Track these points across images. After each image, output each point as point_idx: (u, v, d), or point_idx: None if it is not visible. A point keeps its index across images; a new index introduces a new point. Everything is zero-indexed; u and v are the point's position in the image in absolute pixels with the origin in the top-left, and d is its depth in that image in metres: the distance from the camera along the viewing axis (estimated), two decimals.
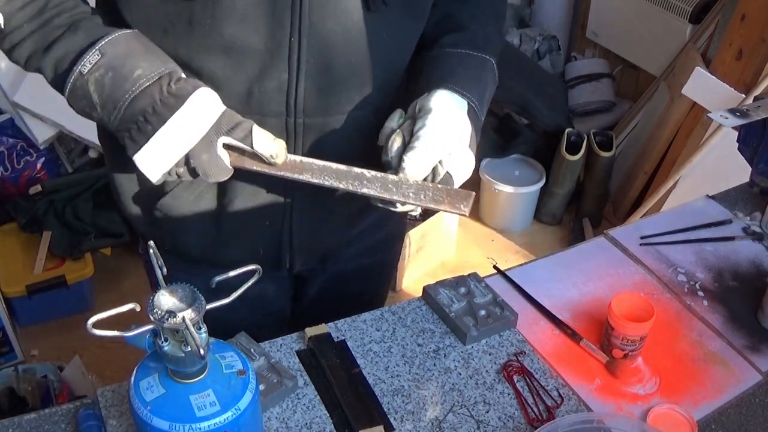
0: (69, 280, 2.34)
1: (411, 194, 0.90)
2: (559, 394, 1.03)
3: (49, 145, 2.55)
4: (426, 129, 0.90)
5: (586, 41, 3.35)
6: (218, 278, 0.74)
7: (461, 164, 0.93)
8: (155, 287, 1.23)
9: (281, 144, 0.89)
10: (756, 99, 1.37)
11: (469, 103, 0.95)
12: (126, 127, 0.86)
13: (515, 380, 1.04)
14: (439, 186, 0.92)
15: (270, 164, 0.89)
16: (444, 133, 0.91)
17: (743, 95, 2.28)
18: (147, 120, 0.85)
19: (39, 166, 2.53)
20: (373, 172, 0.91)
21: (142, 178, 1.05)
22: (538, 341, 1.11)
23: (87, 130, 2.48)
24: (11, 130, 2.53)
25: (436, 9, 1.02)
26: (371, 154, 0.94)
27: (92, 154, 2.66)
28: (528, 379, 1.04)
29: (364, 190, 0.90)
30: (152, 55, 0.87)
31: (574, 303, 1.19)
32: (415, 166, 0.90)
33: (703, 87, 2.38)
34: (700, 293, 1.23)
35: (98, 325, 0.67)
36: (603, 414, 0.99)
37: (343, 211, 1.10)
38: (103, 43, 0.85)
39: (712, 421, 1.01)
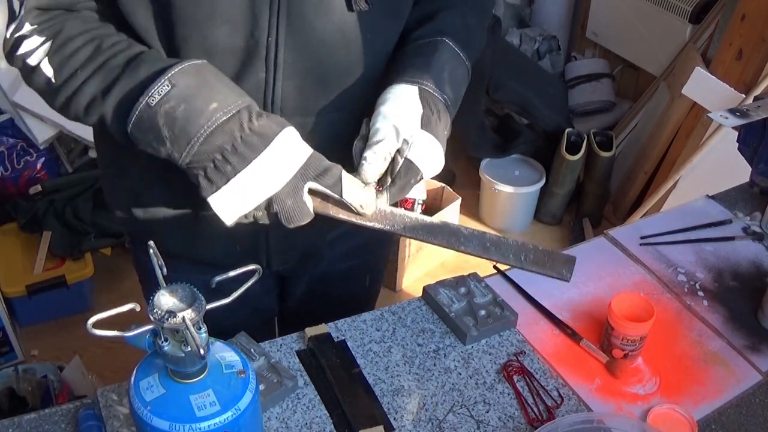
0: (69, 280, 2.34)
1: (511, 256, 0.87)
2: (559, 394, 1.03)
3: (49, 145, 2.55)
4: (376, 125, 0.88)
5: (586, 41, 3.35)
6: (218, 278, 0.74)
7: (422, 149, 0.89)
8: (146, 284, 1.24)
9: (372, 193, 0.85)
10: (756, 99, 1.37)
11: (419, 87, 0.92)
12: (201, 165, 0.80)
13: (515, 380, 1.04)
14: (540, 248, 0.88)
15: (358, 214, 0.86)
16: (392, 123, 0.88)
17: (743, 95, 2.28)
18: (226, 159, 0.79)
19: (39, 166, 2.53)
20: (470, 229, 0.87)
21: (122, 178, 1.05)
22: (538, 341, 1.11)
23: (87, 130, 2.46)
24: (11, 130, 2.53)
25: (416, 7, 1.01)
26: (350, 155, 0.93)
27: (92, 154, 2.66)
28: (528, 379, 1.04)
29: (462, 249, 0.87)
30: (227, 86, 0.82)
31: (574, 303, 1.19)
32: (371, 162, 0.86)
33: (703, 87, 2.38)
34: (700, 293, 1.23)
35: (98, 325, 0.67)
36: (603, 414, 0.99)
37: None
38: (173, 72, 0.80)
39: (712, 421, 1.01)
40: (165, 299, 0.70)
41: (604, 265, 1.27)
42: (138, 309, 0.71)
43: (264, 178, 0.80)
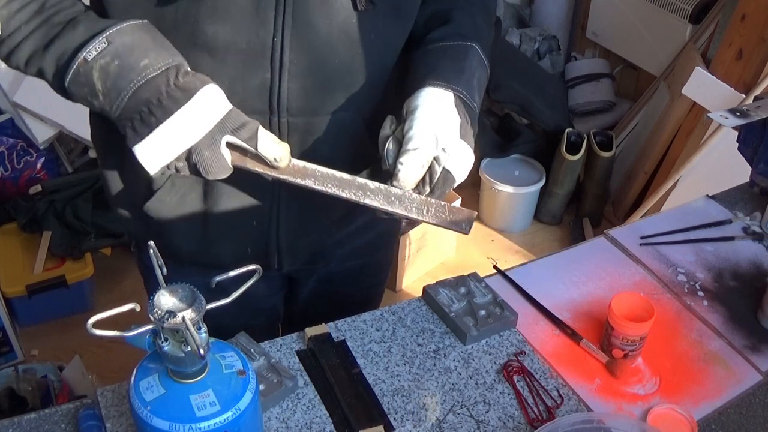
0: (69, 280, 2.34)
1: (414, 209, 0.89)
2: (559, 394, 1.03)
3: (49, 145, 2.55)
4: (413, 130, 0.89)
5: (586, 41, 3.35)
6: (218, 278, 0.74)
7: (458, 158, 0.92)
8: (150, 287, 1.24)
9: (286, 147, 0.88)
10: (756, 99, 1.37)
11: (455, 95, 0.94)
12: (128, 117, 0.84)
13: (515, 380, 1.04)
14: (442, 203, 0.90)
15: (273, 167, 0.89)
16: (431, 130, 0.89)
17: (743, 95, 2.28)
18: (151, 111, 0.83)
19: (39, 166, 2.53)
20: (377, 184, 0.90)
21: (130, 182, 1.05)
22: (538, 341, 1.11)
23: (87, 130, 2.46)
24: (11, 130, 2.53)
25: (425, 7, 1.01)
26: (357, 155, 0.93)
27: (92, 154, 2.66)
28: (528, 379, 1.04)
29: (367, 201, 0.89)
30: (160, 46, 0.86)
31: (574, 303, 1.19)
32: (408, 169, 0.88)
33: (703, 87, 2.38)
34: (700, 293, 1.23)
35: (98, 325, 0.67)
36: (603, 414, 0.99)
37: (330, 212, 1.10)
38: (111, 31, 0.84)
39: (712, 421, 1.01)
40: (165, 299, 0.70)
41: (604, 265, 1.27)
42: (138, 309, 0.71)
43: (184, 129, 0.84)
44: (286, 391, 0.98)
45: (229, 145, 0.87)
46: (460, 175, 0.93)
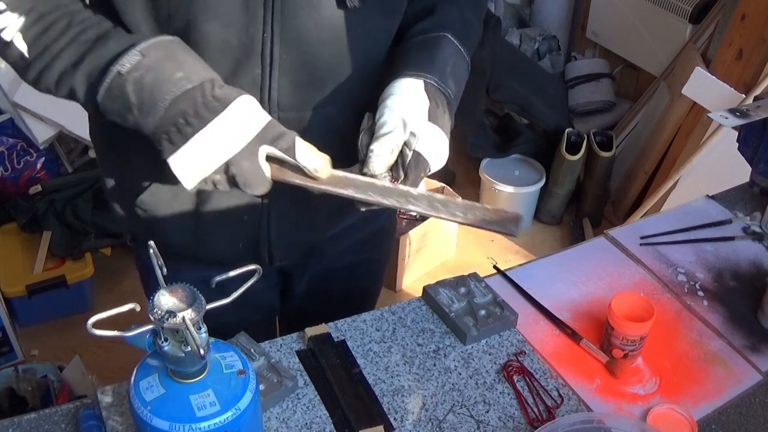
0: (69, 280, 2.34)
1: (459, 213, 0.89)
2: (559, 394, 1.03)
3: (49, 145, 2.55)
4: (383, 118, 0.90)
5: (586, 41, 3.35)
6: (218, 278, 0.74)
7: (429, 141, 0.90)
8: (147, 282, 1.24)
9: (325, 158, 0.87)
10: (756, 99, 1.37)
11: (424, 81, 0.93)
12: (164, 129, 0.83)
13: (515, 380, 1.04)
14: (488, 206, 0.90)
15: (312, 178, 0.87)
16: (398, 116, 0.89)
17: (743, 95, 2.28)
18: (188, 122, 0.82)
19: (39, 166, 2.53)
20: (419, 191, 0.89)
21: (124, 176, 1.05)
22: (538, 341, 1.11)
23: (87, 130, 2.47)
24: (11, 130, 2.53)
25: (414, 2, 1.02)
26: (348, 149, 0.93)
27: (92, 154, 2.65)
28: (528, 379, 1.04)
29: (410, 207, 0.88)
30: (194, 61, 0.85)
31: (574, 303, 1.19)
32: (379, 155, 0.88)
33: (703, 87, 2.38)
34: (700, 293, 1.23)
35: (98, 325, 0.67)
36: (603, 414, 0.99)
37: (322, 208, 1.10)
38: (144, 45, 0.83)
39: (712, 421, 1.01)
40: (165, 299, 0.70)
41: (604, 265, 1.27)
42: (138, 309, 0.71)
43: (222, 140, 0.82)
44: (286, 391, 0.98)
45: (269, 158, 0.86)
46: (435, 157, 0.91)
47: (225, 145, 0.82)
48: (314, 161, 0.86)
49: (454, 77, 0.98)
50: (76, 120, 2.42)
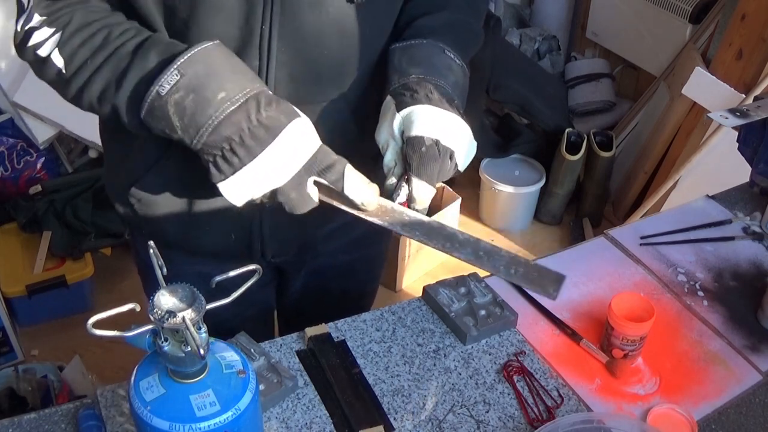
0: (69, 280, 2.34)
1: (502, 267, 0.86)
2: (559, 394, 1.03)
3: (49, 145, 2.55)
4: (381, 143, 0.91)
5: (586, 41, 3.35)
6: (218, 278, 0.74)
7: (418, 122, 0.88)
8: (147, 279, 1.24)
9: (374, 190, 0.85)
10: (756, 99, 1.37)
11: (391, 90, 0.92)
12: (210, 153, 0.81)
13: (515, 380, 1.04)
14: (531, 263, 0.88)
15: (360, 209, 0.86)
16: (386, 133, 0.90)
17: (743, 95, 2.28)
18: (234, 151, 0.80)
19: (39, 166, 2.53)
20: (466, 235, 0.87)
21: (121, 167, 1.05)
22: (538, 341, 1.11)
23: (87, 130, 2.48)
24: (11, 130, 2.53)
25: (410, 4, 1.01)
26: (344, 145, 0.92)
27: (92, 154, 2.66)
28: (528, 379, 1.04)
29: (455, 254, 0.86)
30: (237, 72, 0.82)
31: (574, 303, 1.19)
32: (424, 195, 0.88)
33: (703, 87, 2.38)
34: (700, 293, 1.23)
35: (98, 325, 0.67)
36: (603, 414, 0.99)
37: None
38: (181, 61, 0.80)
39: (712, 421, 1.01)
40: (165, 299, 0.70)
41: (604, 265, 1.27)
42: (138, 309, 0.71)
43: (269, 171, 0.81)
44: (286, 391, 0.98)
45: (317, 183, 0.85)
46: (430, 129, 0.88)
47: (272, 176, 0.81)
48: (362, 194, 0.84)
49: (416, 61, 0.94)
50: (76, 120, 2.42)
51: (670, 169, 2.63)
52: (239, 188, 0.82)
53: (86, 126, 2.43)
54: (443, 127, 0.88)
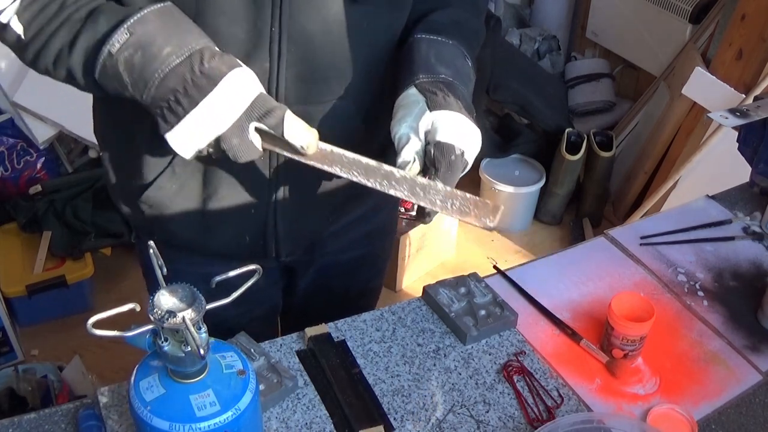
0: (69, 280, 2.34)
1: (438, 201, 0.88)
2: (559, 394, 1.03)
3: (49, 145, 2.55)
4: (397, 135, 0.91)
5: (586, 41, 3.35)
6: (218, 278, 0.74)
7: (445, 127, 0.90)
8: (151, 280, 1.25)
9: (313, 134, 0.87)
10: (756, 99, 1.37)
11: (414, 84, 0.94)
12: (157, 105, 0.84)
13: (515, 380, 1.04)
14: (468, 196, 0.89)
15: (300, 154, 0.88)
16: (407, 128, 0.91)
17: (743, 95, 2.28)
18: (178, 101, 0.83)
19: (39, 166, 2.53)
20: (403, 173, 0.89)
21: (130, 171, 1.06)
22: (538, 341, 1.11)
23: (87, 130, 2.46)
24: (11, 130, 2.53)
25: (418, 3, 1.02)
26: (353, 143, 0.93)
27: (92, 154, 2.66)
28: (528, 379, 1.04)
29: (391, 191, 0.89)
30: (184, 31, 0.85)
31: (574, 303, 1.19)
32: (403, 165, 0.90)
33: (703, 87, 2.38)
34: (700, 293, 1.23)
35: (98, 325, 0.67)
36: (603, 414, 0.99)
37: (327, 201, 1.11)
38: (131, 21, 0.83)
39: (712, 421, 1.01)
40: (165, 299, 0.70)
41: (604, 265, 1.27)
42: (138, 309, 0.71)
43: (211, 118, 0.83)
44: (286, 391, 0.98)
45: (259, 130, 0.87)
46: (457, 137, 0.90)
47: (214, 123, 0.84)
48: (302, 138, 0.86)
49: (441, 61, 0.97)
50: (76, 120, 2.42)
51: (670, 169, 2.63)
52: (185, 138, 0.85)
53: (86, 126, 2.42)
54: (469, 140, 0.91)
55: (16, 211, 2.45)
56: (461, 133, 0.90)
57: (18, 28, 0.86)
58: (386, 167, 0.89)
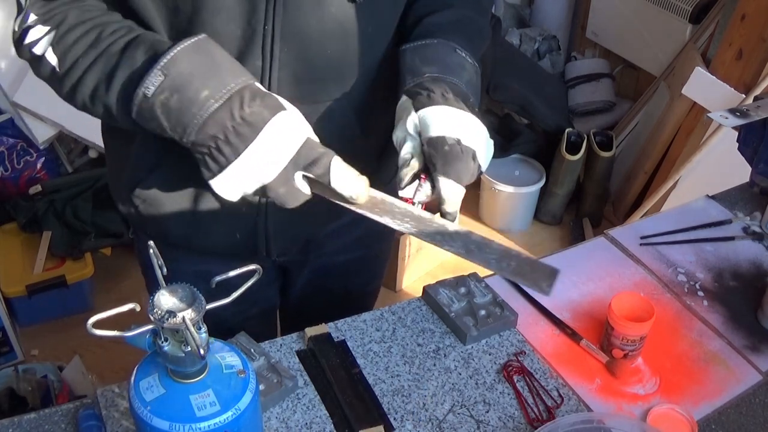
0: (69, 280, 2.34)
1: (493, 261, 0.84)
2: (559, 394, 1.03)
3: (49, 145, 2.55)
4: (397, 141, 0.90)
5: (586, 41, 3.35)
6: (218, 278, 0.74)
7: (439, 121, 0.88)
8: (150, 278, 1.25)
9: (363, 183, 0.84)
10: (756, 99, 1.37)
11: (406, 90, 0.92)
12: (199, 152, 0.82)
13: (515, 380, 1.04)
14: (523, 256, 0.85)
15: (349, 202, 0.86)
16: (403, 130, 0.89)
17: (743, 95, 2.28)
18: (220, 149, 0.80)
19: (39, 166, 2.53)
20: (456, 227, 0.86)
21: (124, 166, 1.06)
22: (538, 341, 1.11)
23: (87, 130, 2.47)
24: (11, 130, 2.53)
25: (416, 3, 1.01)
26: (348, 144, 0.93)
27: (92, 154, 2.66)
28: (528, 379, 1.04)
29: (445, 247, 0.85)
30: (221, 69, 0.82)
31: (574, 303, 1.19)
32: (455, 198, 0.87)
33: (703, 87, 2.38)
34: (700, 293, 1.23)
35: (98, 325, 0.67)
36: (603, 414, 0.99)
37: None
38: (164, 61, 0.80)
39: (712, 421, 1.01)
40: (165, 299, 0.70)
41: (604, 265, 1.27)
42: (138, 309, 0.71)
43: (255, 167, 0.81)
44: (286, 391, 0.98)
45: (306, 176, 0.84)
46: (450, 128, 0.87)
47: (259, 173, 0.81)
48: (351, 187, 0.83)
49: (431, 60, 0.94)
50: (76, 120, 2.42)
51: (670, 169, 2.63)
52: (229, 185, 0.83)
53: (86, 126, 2.43)
54: (462, 126, 0.88)
55: (16, 211, 2.45)
56: (451, 124, 0.87)
57: (53, 59, 0.84)
58: (438, 220, 0.86)
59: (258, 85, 0.83)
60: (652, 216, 1.47)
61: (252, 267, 0.76)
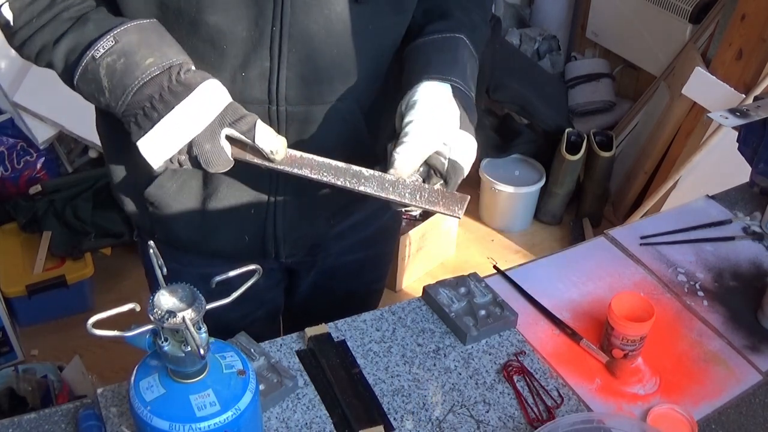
0: (69, 280, 2.34)
1: (407, 194, 0.91)
2: (559, 394, 1.03)
3: (49, 145, 2.55)
4: (412, 124, 0.92)
5: (586, 41, 3.35)
6: (218, 278, 0.74)
7: (462, 148, 0.94)
8: (151, 278, 1.25)
9: (282, 140, 0.90)
10: (756, 99, 1.37)
11: (452, 85, 0.95)
12: (132, 113, 0.87)
13: (515, 380, 1.04)
14: (435, 188, 0.93)
15: (269, 159, 0.91)
16: (431, 123, 0.92)
17: (743, 95, 2.28)
18: (153, 106, 0.86)
19: (39, 166, 2.53)
20: (371, 171, 0.92)
21: (132, 169, 1.06)
22: (538, 341, 1.11)
23: (87, 130, 2.47)
24: (11, 130, 2.53)
25: (422, 0, 1.02)
26: (355, 145, 0.95)
27: (92, 154, 2.65)
28: (528, 379, 1.04)
29: (361, 188, 0.91)
30: (167, 45, 0.88)
31: (574, 303, 1.19)
32: (404, 159, 0.91)
33: (703, 87, 2.38)
34: (700, 293, 1.23)
35: (98, 325, 0.67)
36: (603, 414, 0.99)
37: (328, 204, 1.11)
38: (118, 30, 0.86)
39: (712, 421, 1.01)
40: (165, 299, 0.70)
41: (604, 265, 1.27)
42: (138, 309, 0.71)
43: (184, 122, 0.86)
44: (286, 391, 0.98)
45: (229, 139, 0.89)
46: (466, 163, 0.95)
47: (187, 127, 0.86)
48: (272, 143, 0.89)
49: (473, 79, 1.01)
50: (76, 120, 2.42)
51: (670, 169, 2.63)
52: (157, 143, 0.87)
53: (86, 126, 2.43)
54: (471, 159, 0.96)
55: (16, 211, 2.45)
56: (469, 158, 0.95)
57: (8, 14, 0.89)
58: (355, 168, 0.92)
59: (193, 65, 0.89)
60: (652, 216, 1.47)
61: (252, 267, 0.76)
